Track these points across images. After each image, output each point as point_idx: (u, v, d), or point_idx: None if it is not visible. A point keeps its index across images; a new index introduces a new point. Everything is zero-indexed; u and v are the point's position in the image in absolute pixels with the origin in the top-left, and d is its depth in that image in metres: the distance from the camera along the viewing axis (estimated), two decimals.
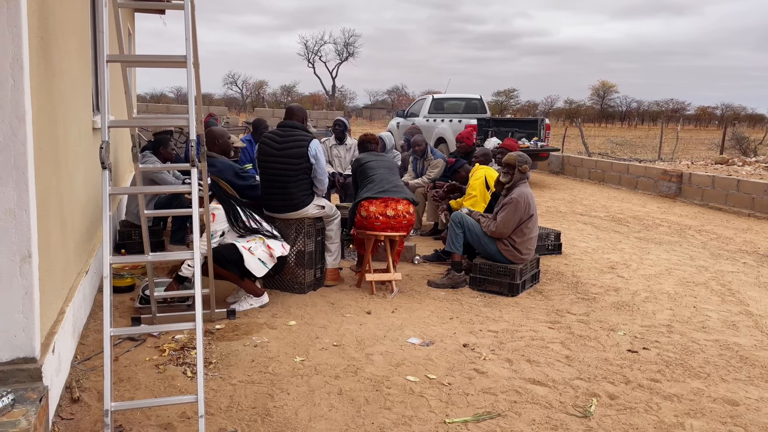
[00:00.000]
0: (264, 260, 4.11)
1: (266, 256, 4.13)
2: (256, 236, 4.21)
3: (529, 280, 5.00)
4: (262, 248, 4.14)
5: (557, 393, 3.08)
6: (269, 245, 4.19)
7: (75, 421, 2.69)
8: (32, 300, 2.47)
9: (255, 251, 4.10)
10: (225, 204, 4.18)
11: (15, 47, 2.32)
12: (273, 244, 4.22)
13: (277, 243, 4.26)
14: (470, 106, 14.64)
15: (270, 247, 4.18)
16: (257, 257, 4.09)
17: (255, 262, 4.08)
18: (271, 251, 4.17)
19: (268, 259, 4.13)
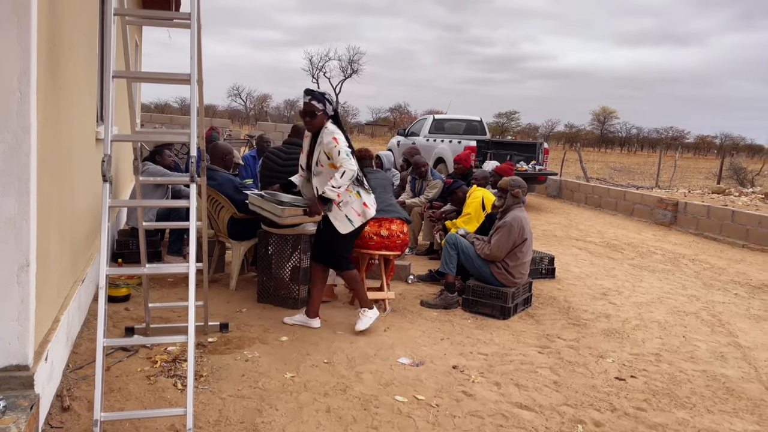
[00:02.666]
0: (351, 218, 4.04)
1: (354, 215, 4.05)
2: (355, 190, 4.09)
3: (521, 303, 5.04)
4: (356, 203, 4.06)
5: (543, 418, 3.11)
6: (365, 202, 4.11)
7: (64, 429, 2.71)
8: (28, 308, 2.51)
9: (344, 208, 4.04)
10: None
11: (24, 61, 2.39)
12: (369, 201, 4.16)
13: (371, 199, 4.19)
14: (470, 127, 14.77)
15: (366, 205, 4.11)
16: (344, 214, 4.03)
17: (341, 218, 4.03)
18: (365, 209, 4.11)
19: (356, 217, 4.06)
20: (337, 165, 3.83)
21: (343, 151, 3.84)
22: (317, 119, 3.96)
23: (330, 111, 4.02)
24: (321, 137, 3.95)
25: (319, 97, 3.97)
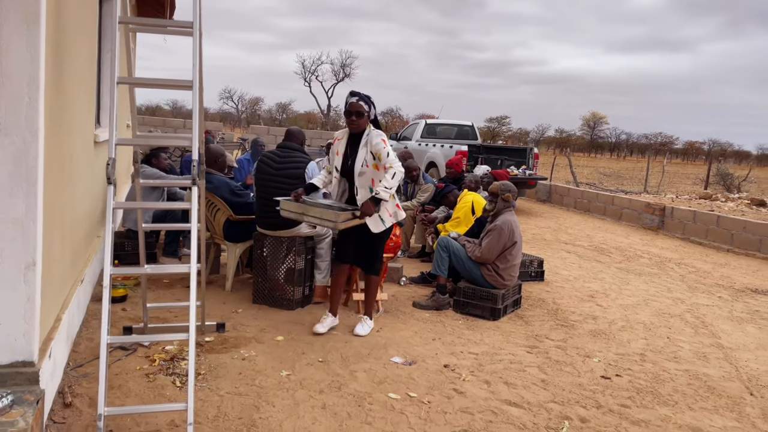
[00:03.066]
0: (384, 218, 4.07)
1: (387, 215, 4.09)
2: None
3: (511, 305, 5.16)
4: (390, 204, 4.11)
5: (531, 414, 3.22)
6: (398, 203, 4.24)
7: (67, 425, 2.79)
8: (34, 306, 2.59)
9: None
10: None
11: (33, 67, 2.48)
12: (399, 203, 4.28)
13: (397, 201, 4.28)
14: (462, 132, 14.92)
15: (398, 206, 4.22)
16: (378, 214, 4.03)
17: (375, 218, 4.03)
18: (397, 210, 4.20)
19: (388, 218, 4.10)
20: (387, 166, 3.89)
21: (392, 153, 3.94)
22: (364, 120, 3.99)
23: (372, 114, 4.07)
24: (368, 138, 4.00)
25: (366, 98, 4.02)
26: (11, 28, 2.42)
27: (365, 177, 4.02)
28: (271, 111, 79.31)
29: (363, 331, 4.27)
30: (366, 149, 4.00)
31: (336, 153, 4.14)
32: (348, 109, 3.99)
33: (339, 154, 4.13)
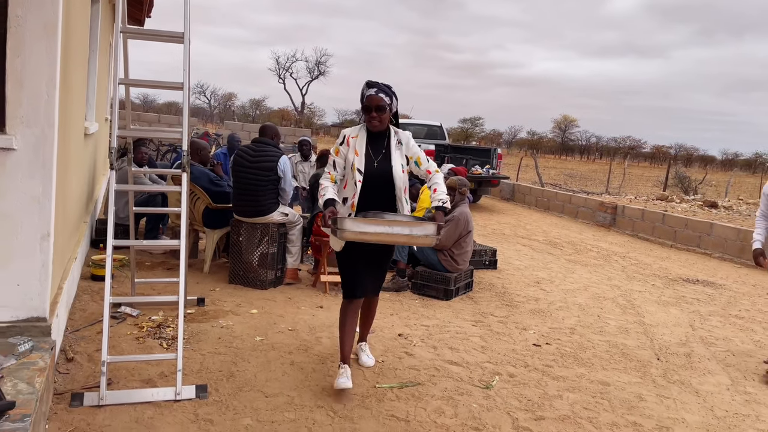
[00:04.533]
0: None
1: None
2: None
3: (463, 288, 5.75)
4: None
5: (469, 371, 3.80)
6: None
7: (71, 375, 3.27)
8: (47, 271, 3.07)
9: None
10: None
11: (50, 68, 2.96)
12: None
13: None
14: (431, 132, 15.53)
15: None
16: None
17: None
18: None
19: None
20: (432, 170, 3.46)
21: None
22: (386, 115, 3.36)
23: (395, 107, 3.46)
24: (400, 138, 3.44)
25: (386, 89, 3.36)
26: (33, 37, 2.90)
27: (401, 183, 3.40)
28: (244, 107, 79.13)
29: (371, 360, 3.76)
30: (400, 152, 3.42)
31: (355, 153, 3.38)
32: (366, 103, 3.33)
33: (359, 154, 3.38)
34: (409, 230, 3.04)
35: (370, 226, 3.02)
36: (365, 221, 3.06)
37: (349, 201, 3.38)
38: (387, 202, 3.42)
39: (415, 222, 3.15)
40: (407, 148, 3.44)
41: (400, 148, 3.43)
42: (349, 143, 3.42)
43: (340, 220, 3.03)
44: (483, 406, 3.32)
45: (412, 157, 3.45)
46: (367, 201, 3.38)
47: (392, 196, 3.42)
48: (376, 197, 3.40)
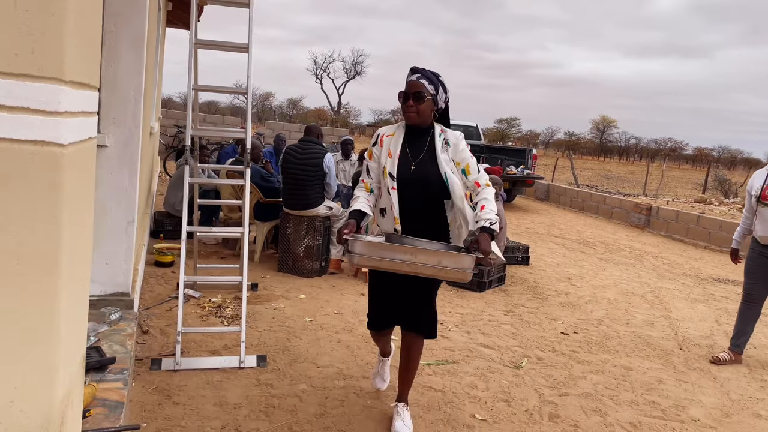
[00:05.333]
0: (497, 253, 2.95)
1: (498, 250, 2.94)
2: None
3: (496, 281, 6.07)
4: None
5: (499, 353, 4.14)
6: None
7: (147, 345, 3.73)
8: (130, 253, 3.54)
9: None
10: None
11: (137, 76, 3.42)
12: None
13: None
14: (466, 133, 15.80)
15: None
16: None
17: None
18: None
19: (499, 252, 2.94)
20: (482, 183, 2.79)
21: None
22: (424, 105, 2.75)
23: (441, 101, 2.85)
24: (447, 137, 2.83)
25: (431, 76, 2.80)
26: (125, 48, 3.36)
27: (459, 192, 2.77)
28: (281, 106, 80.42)
29: (405, 429, 2.88)
30: (447, 155, 2.79)
31: (388, 154, 2.82)
32: (405, 90, 2.78)
33: (392, 155, 2.81)
34: (438, 261, 2.45)
35: (387, 252, 2.48)
36: (382, 246, 2.52)
37: (389, 213, 2.82)
38: (431, 217, 2.81)
39: (447, 253, 2.52)
40: (455, 151, 2.79)
41: (447, 150, 2.78)
42: (383, 143, 2.86)
43: (351, 242, 2.52)
44: (512, 382, 3.66)
45: (459, 164, 2.78)
46: (408, 213, 2.79)
47: (437, 209, 2.80)
48: (417, 210, 2.79)
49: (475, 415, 3.16)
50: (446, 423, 3.05)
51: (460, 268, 2.47)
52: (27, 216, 1.13)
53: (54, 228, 1.15)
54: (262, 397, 3.15)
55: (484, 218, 2.63)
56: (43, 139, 1.14)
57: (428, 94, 2.76)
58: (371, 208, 2.86)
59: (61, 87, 1.15)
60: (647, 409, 3.45)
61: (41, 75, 1.13)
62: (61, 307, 1.21)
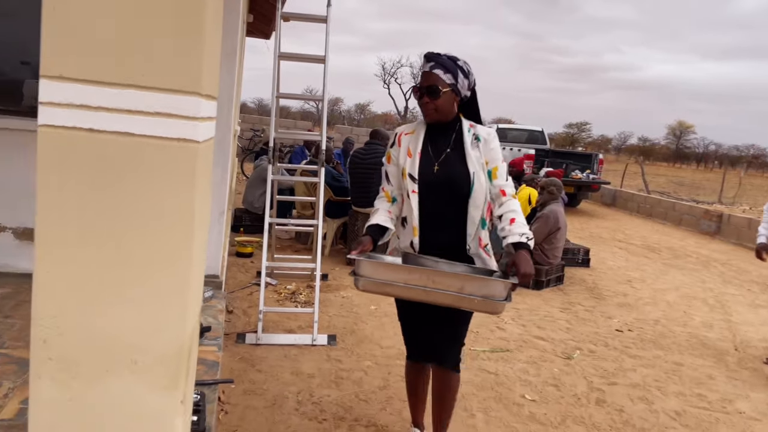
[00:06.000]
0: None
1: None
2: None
3: (554, 280, 6.26)
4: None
5: (552, 345, 4.37)
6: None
7: (232, 322, 4.21)
8: (221, 240, 4.03)
9: None
10: None
11: (231, 86, 3.90)
12: None
13: None
14: (532, 137, 15.84)
15: None
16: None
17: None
18: None
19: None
20: (509, 192, 2.34)
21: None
22: (442, 99, 2.30)
23: (464, 89, 2.36)
24: (478, 132, 2.37)
25: (446, 64, 2.31)
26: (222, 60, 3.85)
27: (479, 198, 2.32)
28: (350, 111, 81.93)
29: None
30: (479, 151, 2.34)
31: (407, 153, 2.39)
32: (419, 83, 2.36)
33: (412, 154, 2.38)
34: (460, 287, 1.98)
35: (399, 275, 2.05)
36: (393, 268, 2.12)
37: (408, 224, 2.38)
38: (458, 227, 2.35)
39: (472, 277, 2.11)
40: (486, 147, 2.33)
41: (477, 146, 2.32)
42: (401, 142, 2.43)
43: (357, 262, 2.13)
44: (563, 371, 3.90)
45: (487, 163, 2.33)
46: (430, 222, 2.35)
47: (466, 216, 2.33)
48: (440, 217, 2.35)
49: (524, 396, 3.44)
50: (497, 400, 3.35)
51: (488, 297, 1.95)
52: (174, 191, 1.54)
53: (190, 201, 1.56)
54: (332, 370, 3.55)
55: (518, 232, 2.17)
56: (186, 137, 1.55)
57: (445, 85, 2.29)
58: (393, 220, 2.42)
59: (199, 99, 1.56)
60: (694, 401, 3.61)
61: (187, 90, 1.55)
62: (193, 265, 1.61)
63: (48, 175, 1.46)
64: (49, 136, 1.46)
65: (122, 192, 1.47)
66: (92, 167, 1.47)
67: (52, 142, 1.46)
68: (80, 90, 1.46)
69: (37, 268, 1.47)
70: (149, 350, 1.55)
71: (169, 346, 1.56)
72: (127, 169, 1.48)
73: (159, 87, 1.51)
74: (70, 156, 1.47)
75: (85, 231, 1.47)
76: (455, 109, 2.39)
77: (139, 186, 1.47)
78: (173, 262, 1.52)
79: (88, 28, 1.43)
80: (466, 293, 2.00)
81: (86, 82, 1.46)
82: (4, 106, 3.83)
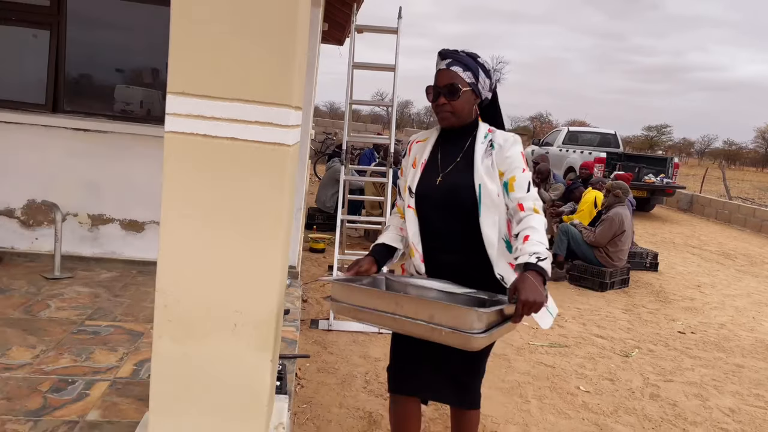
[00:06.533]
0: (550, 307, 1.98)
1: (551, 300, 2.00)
2: None
3: (619, 283, 6.30)
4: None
5: (611, 343, 4.49)
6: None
7: (306, 310, 4.59)
8: (298, 234, 4.41)
9: None
10: None
11: (309, 92, 4.28)
12: None
13: None
14: (604, 140, 15.58)
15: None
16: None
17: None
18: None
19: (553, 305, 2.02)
20: (528, 206, 1.90)
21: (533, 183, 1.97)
22: (461, 101, 1.99)
23: (485, 89, 2.06)
24: (495, 139, 2.00)
25: (465, 60, 2.01)
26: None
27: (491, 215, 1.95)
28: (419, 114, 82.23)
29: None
30: (490, 159, 1.97)
31: (412, 164, 2.12)
32: (433, 83, 2.06)
33: (417, 164, 2.09)
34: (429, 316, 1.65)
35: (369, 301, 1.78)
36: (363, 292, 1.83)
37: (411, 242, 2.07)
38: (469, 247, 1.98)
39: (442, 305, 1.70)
40: (501, 155, 1.95)
41: (490, 154, 1.97)
42: (411, 152, 2.15)
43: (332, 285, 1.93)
44: (619, 367, 4.02)
45: (503, 173, 1.95)
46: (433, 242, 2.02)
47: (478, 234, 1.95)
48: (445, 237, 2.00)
49: (579, 387, 3.61)
50: (552, 389, 3.54)
51: (456, 330, 1.59)
52: (269, 185, 1.87)
53: (281, 194, 1.89)
54: None
55: (529, 251, 1.76)
56: (279, 142, 1.89)
57: (464, 84, 1.98)
58: (403, 240, 2.13)
59: (290, 110, 1.89)
60: (750, 400, 3.66)
61: (281, 103, 1.88)
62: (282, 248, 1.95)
63: (172, 171, 1.84)
64: (174, 140, 1.83)
65: (228, 185, 1.83)
66: (205, 166, 1.83)
67: (176, 144, 1.84)
68: (197, 103, 1.83)
69: (162, 246, 1.85)
70: (247, 316, 1.89)
71: (263, 314, 1.90)
72: (232, 167, 1.83)
73: (258, 100, 1.87)
74: (188, 156, 1.84)
75: (199, 217, 1.83)
76: (474, 113, 2.05)
77: (242, 181, 1.81)
78: (268, 243, 1.85)
79: (204, 56, 1.80)
80: (436, 323, 1.63)
81: (202, 97, 1.83)
82: (100, 111, 4.37)
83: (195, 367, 1.93)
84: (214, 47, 1.80)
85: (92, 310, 3.35)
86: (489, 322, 1.64)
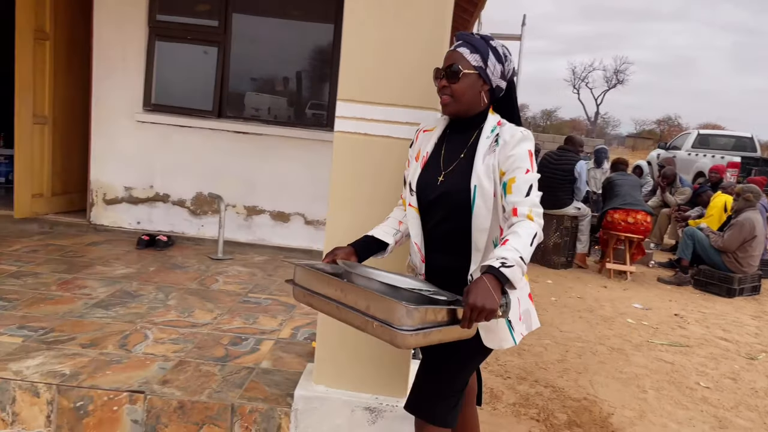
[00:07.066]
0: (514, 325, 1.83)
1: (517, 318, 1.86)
2: None
3: (749, 290, 6.07)
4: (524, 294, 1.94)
5: (736, 346, 4.43)
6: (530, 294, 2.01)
7: None
8: None
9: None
10: None
11: None
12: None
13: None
14: (740, 144, 14.60)
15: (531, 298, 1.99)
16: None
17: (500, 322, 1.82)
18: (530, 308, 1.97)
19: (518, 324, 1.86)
20: (522, 212, 1.67)
21: (536, 187, 1.72)
22: (462, 84, 1.77)
23: (495, 75, 1.81)
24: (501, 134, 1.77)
25: (476, 42, 1.80)
26: None
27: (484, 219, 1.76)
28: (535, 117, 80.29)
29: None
30: (493, 157, 1.76)
31: (416, 157, 1.94)
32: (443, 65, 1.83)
33: (420, 157, 1.92)
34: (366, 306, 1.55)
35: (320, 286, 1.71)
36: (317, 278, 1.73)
37: (413, 242, 1.92)
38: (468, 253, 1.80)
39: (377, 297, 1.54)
40: (504, 155, 1.74)
41: (494, 151, 1.77)
42: (417, 142, 1.99)
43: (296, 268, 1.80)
44: (743, 368, 4.00)
45: (504, 173, 1.74)
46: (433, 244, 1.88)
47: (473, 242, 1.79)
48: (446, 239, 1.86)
49: (698, 383, 3.66)
50: (670, 383, 3.63)
51: (385, 323, 1.48)
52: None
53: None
54: None
55: (497, 255, 1.56)
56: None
57: (468, 66, 1.77)
58: (398, 233, 1.97)
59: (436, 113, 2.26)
60: None
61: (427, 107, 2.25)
62: None
63: (339, 163, 2.27)
64: (341, 138, 2.27)
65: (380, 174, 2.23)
66: (365, 159, 2.25)
67: (343, 142, 2.27)
68: (360, 108, 2.25)
69: (329, 221, 2.30)
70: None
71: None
72: (385, 160, 2.23)
73: (409, 105, 2.26)
74: (352, 151, 2.27)
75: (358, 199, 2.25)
76: (482, 102, 1.82)
77: (394, 172, 2.20)
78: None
79: (366, 70, 2.23)
80: (370, 315, 1.52)
81: (364, 103, 2.25)
82: (254, 116, 5.00)
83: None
84: (374, 64, 2.23)
85: (252, 285, 3.93)
86: (423, 320, 1.48)
